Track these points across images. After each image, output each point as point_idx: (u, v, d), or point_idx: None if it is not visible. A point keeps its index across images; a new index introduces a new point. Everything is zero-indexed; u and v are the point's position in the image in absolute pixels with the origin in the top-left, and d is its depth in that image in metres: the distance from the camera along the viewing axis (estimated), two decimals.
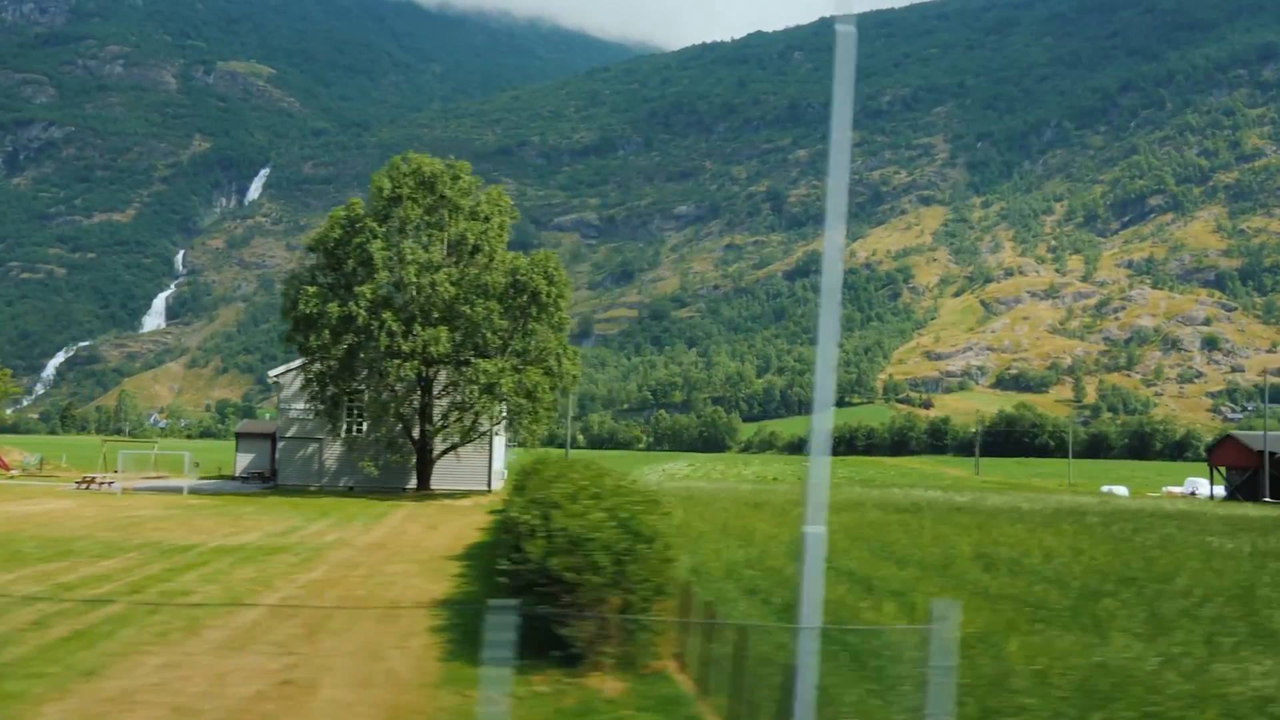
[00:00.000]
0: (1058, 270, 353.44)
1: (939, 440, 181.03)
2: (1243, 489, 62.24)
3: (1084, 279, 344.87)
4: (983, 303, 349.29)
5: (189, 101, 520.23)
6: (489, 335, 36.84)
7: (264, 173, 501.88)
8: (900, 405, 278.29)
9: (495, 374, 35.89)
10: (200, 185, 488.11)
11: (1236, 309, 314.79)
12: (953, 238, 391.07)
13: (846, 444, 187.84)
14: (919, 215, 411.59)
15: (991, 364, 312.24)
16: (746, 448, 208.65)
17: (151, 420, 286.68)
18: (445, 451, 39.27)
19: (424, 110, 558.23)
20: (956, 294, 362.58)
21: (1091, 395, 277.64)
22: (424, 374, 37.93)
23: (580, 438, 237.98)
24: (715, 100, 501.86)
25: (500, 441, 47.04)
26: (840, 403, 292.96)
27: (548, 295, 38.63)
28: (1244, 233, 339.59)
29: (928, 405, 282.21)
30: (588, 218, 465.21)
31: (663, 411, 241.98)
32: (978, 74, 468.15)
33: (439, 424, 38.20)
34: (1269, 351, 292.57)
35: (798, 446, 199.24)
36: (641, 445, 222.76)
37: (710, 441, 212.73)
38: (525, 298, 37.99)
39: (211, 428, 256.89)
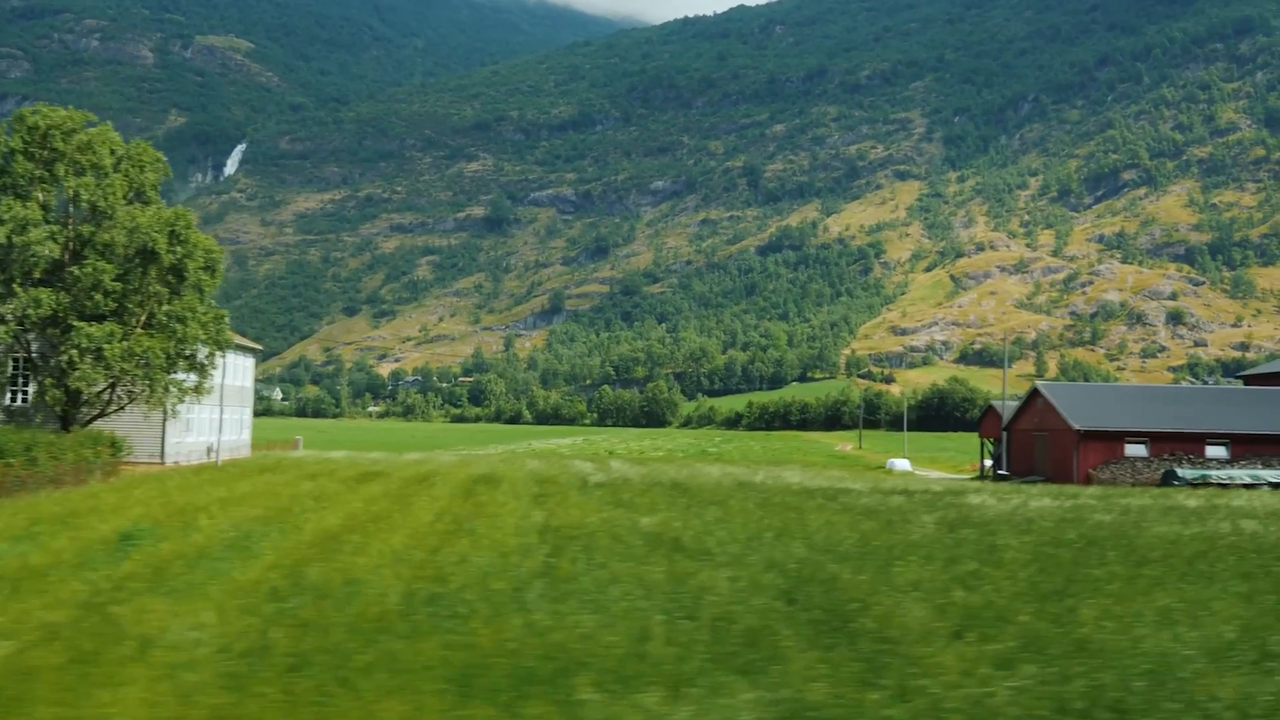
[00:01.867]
0: (1029, 245, 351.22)
1: (872, 414, 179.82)
2: (999, 462, 60.86)
3: (1054, 253, 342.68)
4: (952, 277, 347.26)
5: (166, 76, 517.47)
6: (99, 298, 35.47)
7: (240, 148, 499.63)
8: (861, 380, 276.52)
9: (101, 339, 34.60)
10: (176, 161, 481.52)
11: (1204, 283, 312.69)
12: (927, 212, 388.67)
13: (781, 419, 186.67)
14: (894, 190, 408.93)
15: (956, 339, 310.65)
16: (686, 422, 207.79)
17: None
18: (90, 420, 38.03)
19: (404, 85, 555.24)
20: (928, 269, 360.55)
21: (1053, 370, 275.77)
22: (57, 340, 36.57)
23: (527, 413, 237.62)
24: (695, 75, 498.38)
25: (200, 410, 46.29)
26: (802, 378, 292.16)
27: (170, 256, 37.15)
28: (1215, 207, 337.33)
29: (889, 380, 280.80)
30: (564, 193, 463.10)
31: (606, 387, 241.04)
32: (957, 48, 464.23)
33: (90, 394, 36.91)
34: (1234, 326, 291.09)
35: (734, 421, 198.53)
36: (587, 421, 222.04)
37: (652, 416, 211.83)
38: (142, 258, 36.59)
39: None
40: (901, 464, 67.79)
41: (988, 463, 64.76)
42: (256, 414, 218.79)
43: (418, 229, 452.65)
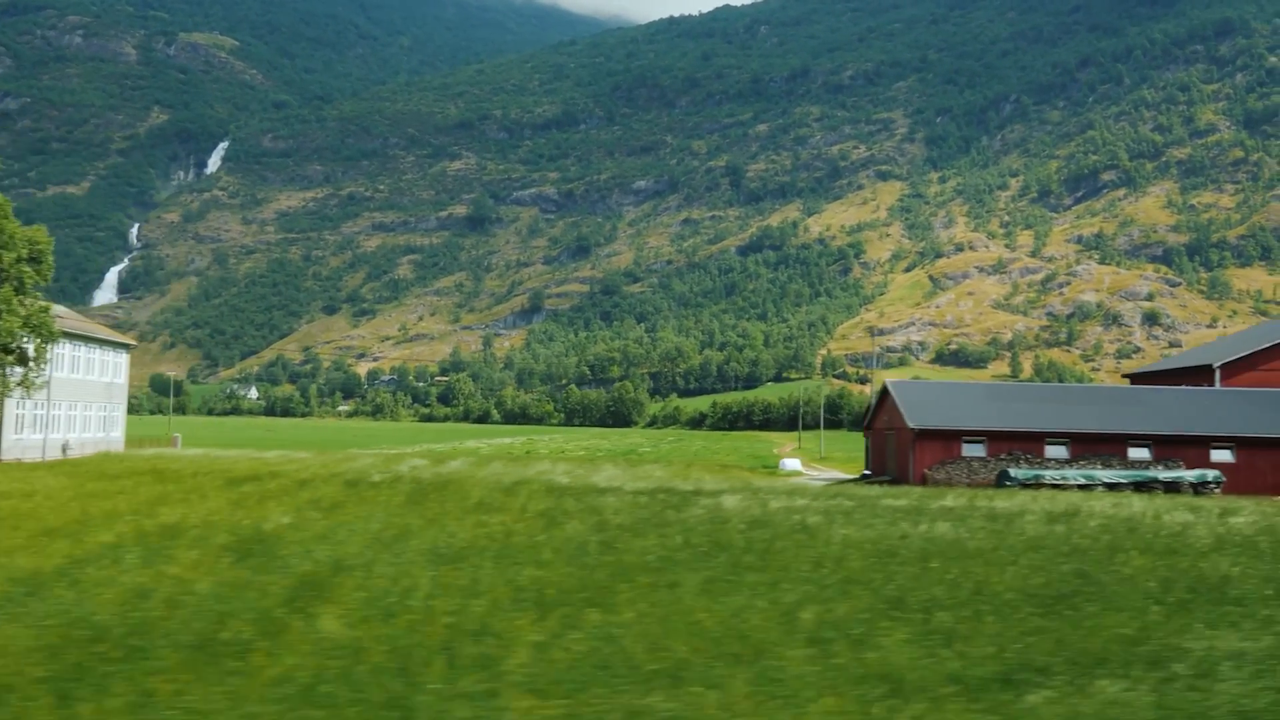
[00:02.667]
0: (1008, 245, 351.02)
1: (835, 414, 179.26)
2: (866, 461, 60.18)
3: (1033, 254, 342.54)
4: (931, 278, 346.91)
5: (148, 73, 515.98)
6: None
7: (223, 146, 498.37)
8: (837, 380, 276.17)
9: None
10: (158, 158, 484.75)
11: (1181, 284, 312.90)
12: (908, 213, 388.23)
13: (745, 419, 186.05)
14: (875, 190, 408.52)
15: (933, 339, 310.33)
16: (652, 422, 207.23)
17: None
18: None
19: (389, 83, 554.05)
20: (907, 269, 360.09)
21: (1028, 370, 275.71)
22: None
23: (495, 413, 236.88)
24: (679, 74, 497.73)
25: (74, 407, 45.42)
26: (777, 378, 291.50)
27: None
28: (1194, 208, 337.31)
29: (865, 381, 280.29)
30: (547, 192, 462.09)
31: (573, 387, 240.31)
32: (940, 48, 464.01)
33: None
34: (1209, 326, 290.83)
35: (699, 421, 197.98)
36: (555, 420, 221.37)
37: (618, 416, 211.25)
38: None
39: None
40: (792, 464, 67.23)
41: None
42: (224, 413, 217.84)
43: (400, 228, 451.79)
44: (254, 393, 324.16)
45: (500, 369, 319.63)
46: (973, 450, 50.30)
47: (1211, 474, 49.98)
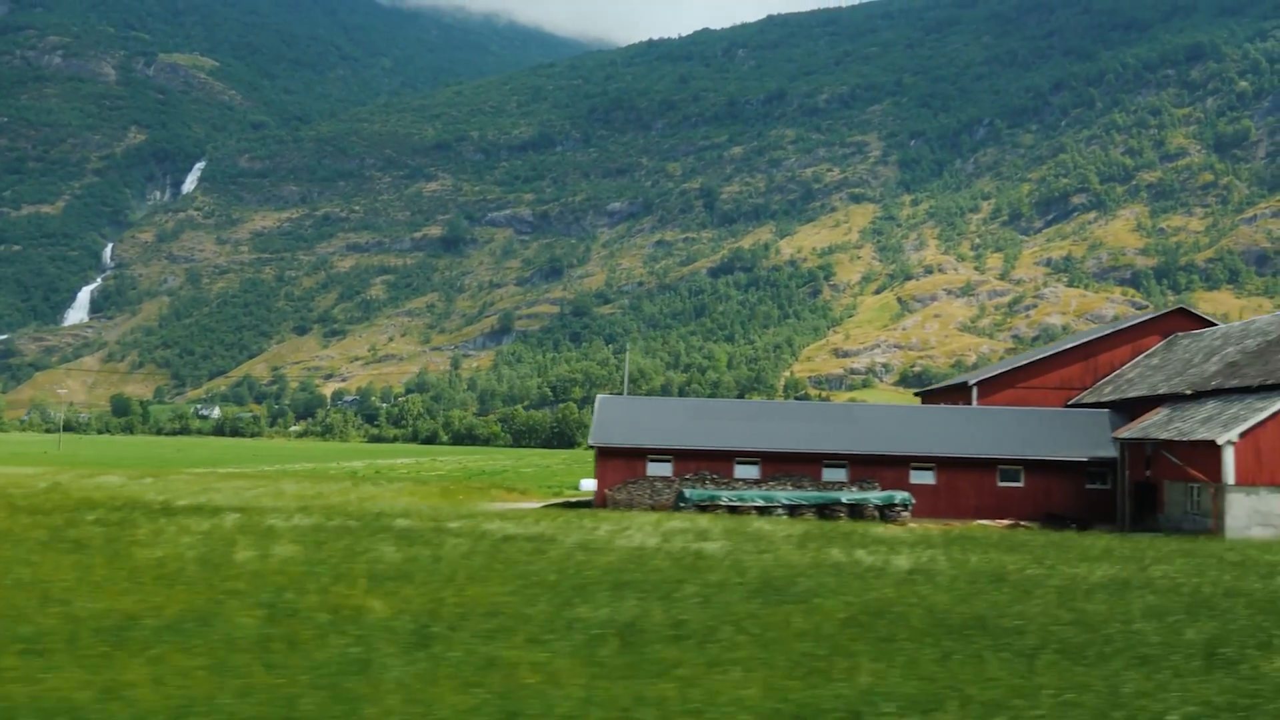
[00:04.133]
0: (977, 268, 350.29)
1: None
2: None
3: (1001, 277, 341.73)
4: (899, 300, 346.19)
5: (127, 93, 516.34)
6: None
7: (199, 166, 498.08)
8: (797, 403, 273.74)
9: None
10: (134, 178, 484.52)
11: (1148, 307, 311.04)
12: (879, 235, 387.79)
13: None
14: (848, 213, 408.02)
15: (898, 361, 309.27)
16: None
17: (27, 415, 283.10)
18: None
19: (368, 104, 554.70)
20: (877, 291, 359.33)
21: None
22: None
23: (443, 434, 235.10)
24: (655, 97, 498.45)
25: None
26: (739, 399, 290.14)
27: None
28: (1163, 231, 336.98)
29: (826, 402, 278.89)
30: (522, 213, 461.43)
31: (519, 408, 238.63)
32: (915, 72, 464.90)
33: None
34: None
35: None
36: (501, 442, 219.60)
37: (563, 437, 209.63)
38: None
39: (72, 422, 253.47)
40: (589, 484, 65.13)
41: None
42: (173, 433, 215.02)
43: (374, 248, 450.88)
44: (217, 413, 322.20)
45: (464, 390, 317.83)
46: (659, 469, 48.28)
47: (899, 496, 48.26)
